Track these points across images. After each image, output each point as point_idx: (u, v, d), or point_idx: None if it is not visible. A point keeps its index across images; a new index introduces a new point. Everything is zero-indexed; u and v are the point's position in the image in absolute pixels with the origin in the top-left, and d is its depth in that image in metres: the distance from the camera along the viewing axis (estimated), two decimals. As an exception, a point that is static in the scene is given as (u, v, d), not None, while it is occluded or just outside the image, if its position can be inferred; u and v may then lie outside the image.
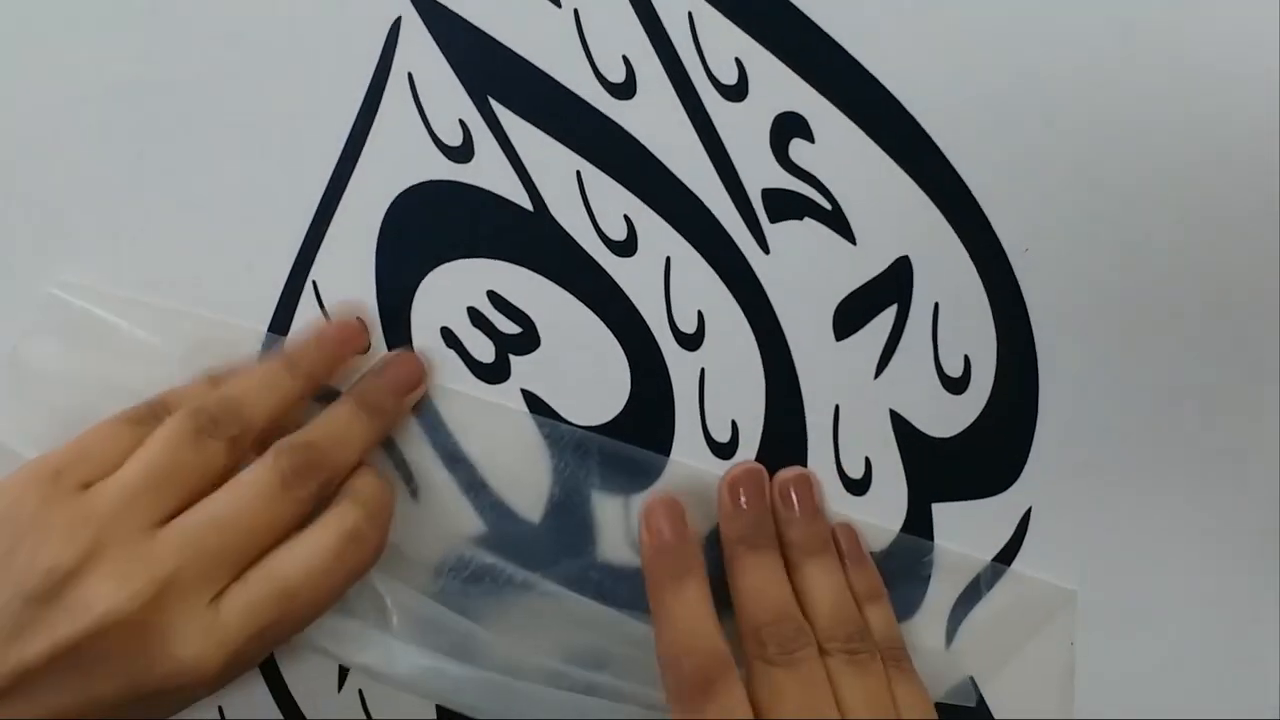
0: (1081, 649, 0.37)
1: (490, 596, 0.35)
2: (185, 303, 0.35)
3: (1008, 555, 0.37)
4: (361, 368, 0.35)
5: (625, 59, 0.34)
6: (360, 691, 0.37)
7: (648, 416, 0.36)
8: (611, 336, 0.35)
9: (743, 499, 0.35)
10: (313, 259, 0.35)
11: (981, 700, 0.37)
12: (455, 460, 0.36)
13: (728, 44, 0.34)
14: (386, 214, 0.35)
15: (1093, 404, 0.36)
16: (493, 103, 0.34)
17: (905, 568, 0.37)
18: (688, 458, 0.36)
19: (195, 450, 0.30)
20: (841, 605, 0.34)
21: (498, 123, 0.34)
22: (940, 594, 0.37)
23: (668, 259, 0.35)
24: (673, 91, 0.34)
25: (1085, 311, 0.35)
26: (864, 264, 0.35)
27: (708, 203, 0.35)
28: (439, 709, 0.37)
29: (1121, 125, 0.34)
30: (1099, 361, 0.36)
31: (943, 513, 0.37)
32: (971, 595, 0.37)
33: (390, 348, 0.35)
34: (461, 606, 0.35)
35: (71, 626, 0.27)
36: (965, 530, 0.37)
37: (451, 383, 0.35)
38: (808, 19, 0.34)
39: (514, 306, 0.35)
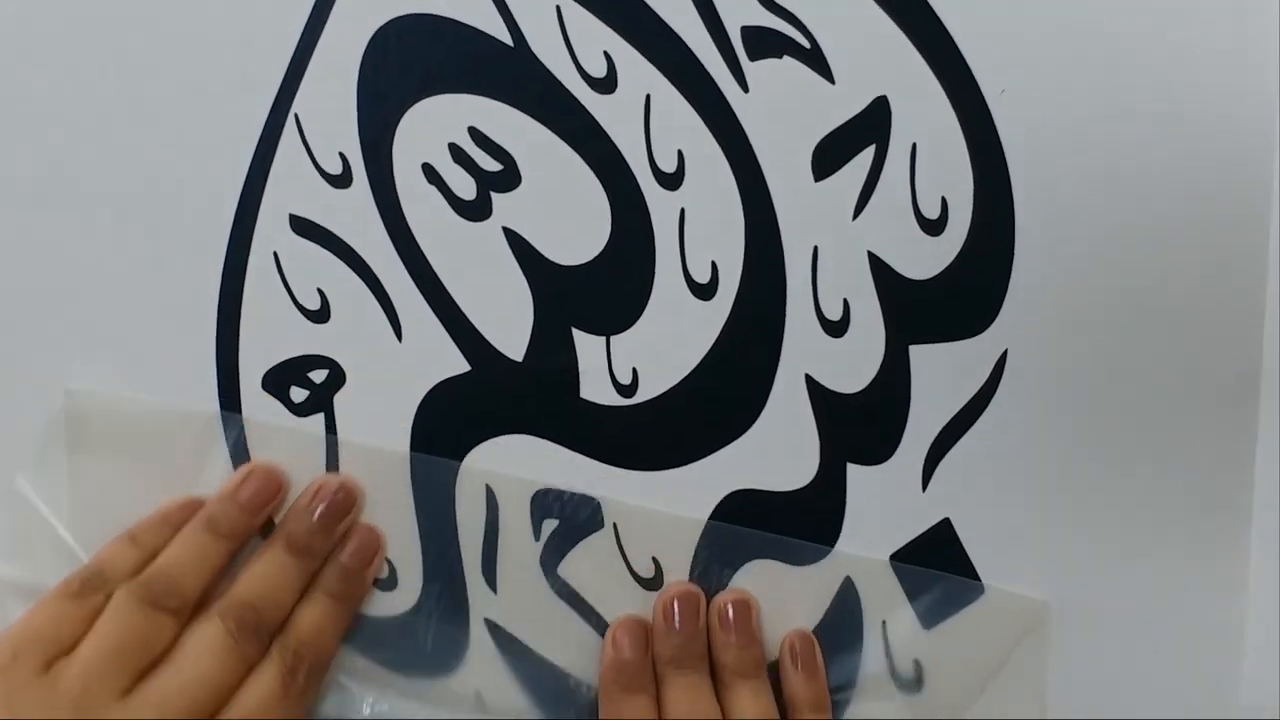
0: (1048, 503, 0.37)
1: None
2: (163, 133, 0.35)
3: (983, 398, 0.37)
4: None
5: (604, -109, 0.34)
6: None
7: (628, 256, 0.36)
8: (592, 175, 0.36)
9: (676, 620, 0.36)
10: (294, 92, 0.35)
11: None
12: (438, 299, 0.36)
13: (707, -124, 0.34)
14: (368, 47, 0.35)
15: (1069, 246, 0.36)
16: (472, -66, 0.34)
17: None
18: (667, 300, 0.36)
19: (145, 623, 0.32)
20: None
21: (477, -45, 0.34)
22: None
23: (648, 96, 0.35)
24: (652, -76, 0.34)
25: (1062, 153, 0.36)
26: (842, 103, 0.36)
27: (687, 40, 0.35)
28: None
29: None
30: (1075, 204, 0.36)
31: (920, 355, 0.37)
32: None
33: (373, 185, 0.36)
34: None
35: None
36: (941, 373, 0.37)
37: (434, 220, 0.36)
38: None
39: (495, 143, 0.35)
